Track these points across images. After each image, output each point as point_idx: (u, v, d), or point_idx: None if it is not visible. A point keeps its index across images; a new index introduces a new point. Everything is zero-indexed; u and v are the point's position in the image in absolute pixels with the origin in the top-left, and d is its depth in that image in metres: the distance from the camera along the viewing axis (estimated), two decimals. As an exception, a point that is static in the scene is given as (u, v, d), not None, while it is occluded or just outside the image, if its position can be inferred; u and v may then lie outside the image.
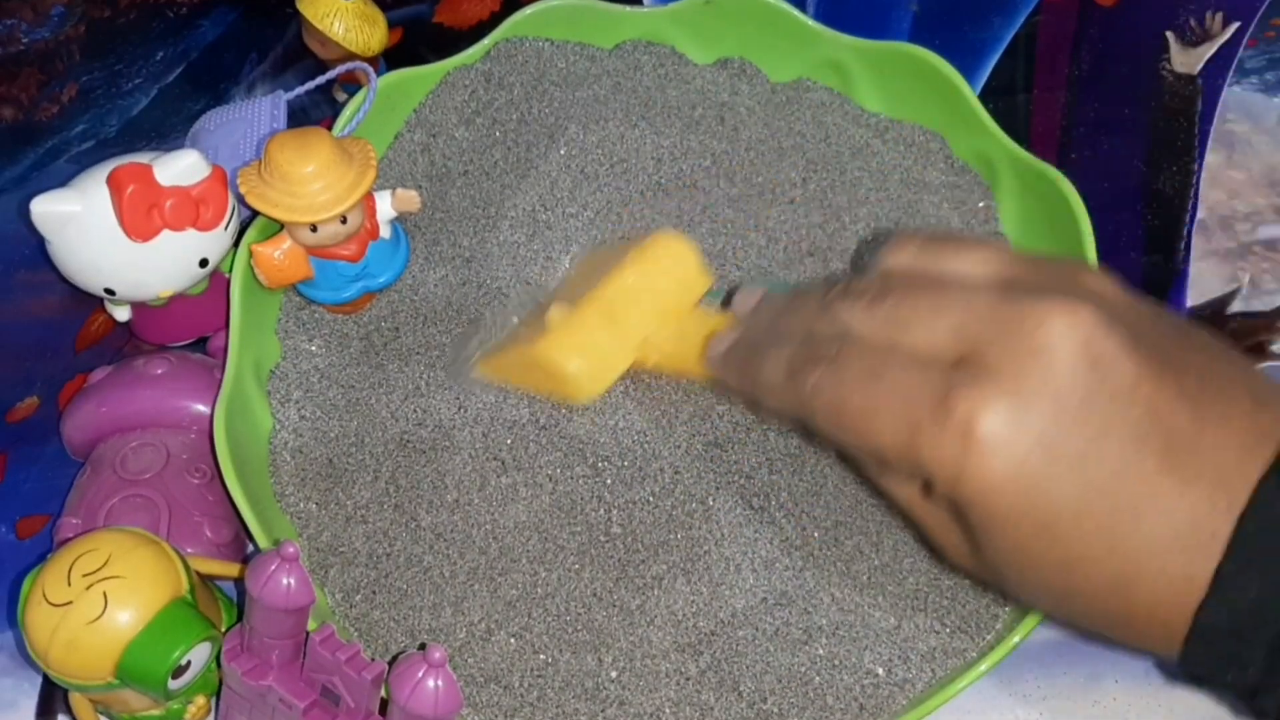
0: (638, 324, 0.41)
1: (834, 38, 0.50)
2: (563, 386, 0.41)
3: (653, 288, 0.41)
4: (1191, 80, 0.54)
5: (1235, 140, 0.54)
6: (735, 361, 0.38)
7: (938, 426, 0.30)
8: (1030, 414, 0.29)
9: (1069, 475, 0.29)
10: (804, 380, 0.33)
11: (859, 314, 0.33)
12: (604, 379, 0.41)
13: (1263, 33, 0.55)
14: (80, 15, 0.57)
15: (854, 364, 0.32)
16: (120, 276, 0.43)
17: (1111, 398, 0.29)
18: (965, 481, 0.30)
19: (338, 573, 0.41)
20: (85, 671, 0.36)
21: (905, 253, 0.35)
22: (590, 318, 0.40)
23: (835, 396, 0.32)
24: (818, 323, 0.35)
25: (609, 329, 0.40)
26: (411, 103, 0.50)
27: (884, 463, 0.33)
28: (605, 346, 0.40)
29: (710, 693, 0.39)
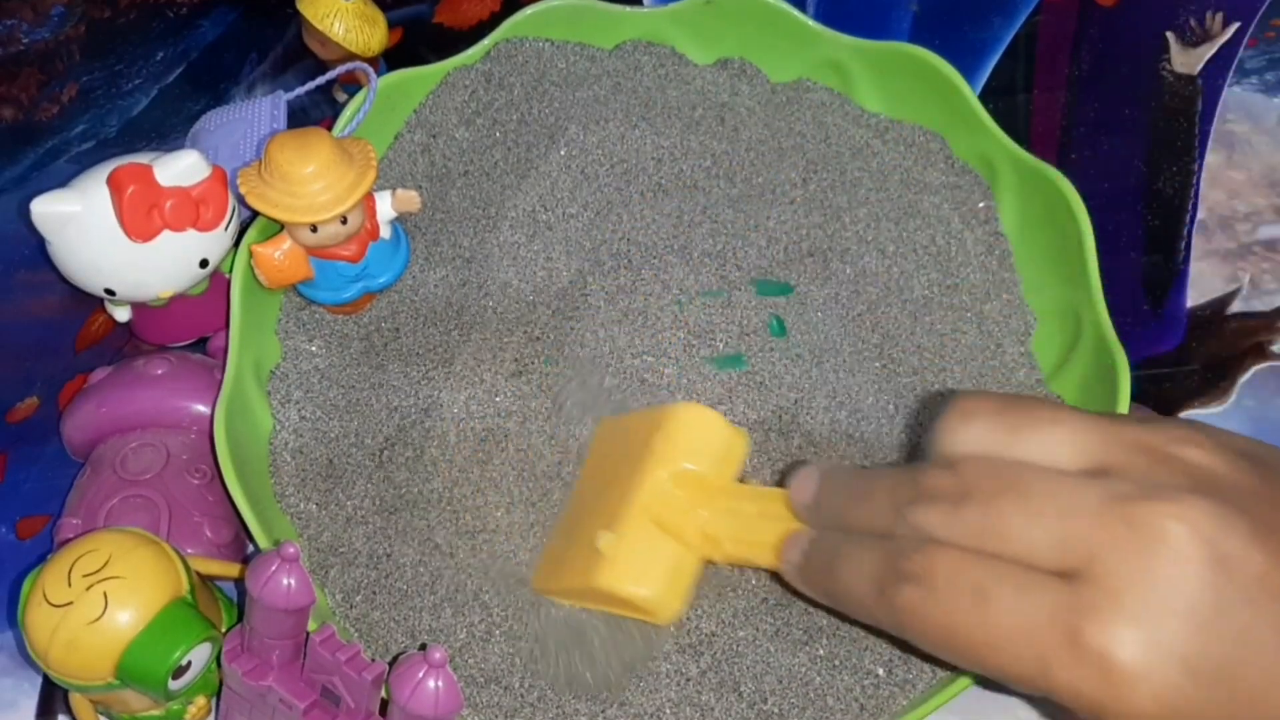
0: (688, 519, 0.36)
1: (834, 38, 0.50)
2: (640, 612, 0.37)
3: (688, 474, 0.37)
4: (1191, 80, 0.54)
5: (1235, 140, 0.54)
6: (815, 576, 0.34)
7: (1071, 659, 0.28)
8: (1167, 635, 0.27)
9: (1215, 688, 0.28)
10: (894, 599, 0.30)
11: (941, 520, 0.30)
12: (679, 592, 0.36)
13: (1263, 33, 0.55)
14: (80, 15, 0.57)
15: (952, 585, 0.29)
16: (120, 277, 0.43)
17: (1245, 598, 0.28)
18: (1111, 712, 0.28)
19: (338, 573, 0.41)
20: (85, 672, 0.36)
21: (973, 432, 0.31)
22: (639, 532, 0.36)
23: (938, 622, 0.30)
24: (896, 526, 0.31)
25: (663, 538, 0.36)
26: (411, 103, 0.50)
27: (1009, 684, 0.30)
28: (667, 558, 0.36)
29: (711, 693, 0.39)
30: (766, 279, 0.46)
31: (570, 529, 0.41)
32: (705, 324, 0.44)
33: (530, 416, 0.43)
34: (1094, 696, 0.28)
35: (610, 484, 0.38)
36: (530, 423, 0.43)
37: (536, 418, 0.43)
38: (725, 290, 0.45)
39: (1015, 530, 0.29)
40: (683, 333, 0.44)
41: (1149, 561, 0.27)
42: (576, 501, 0.41)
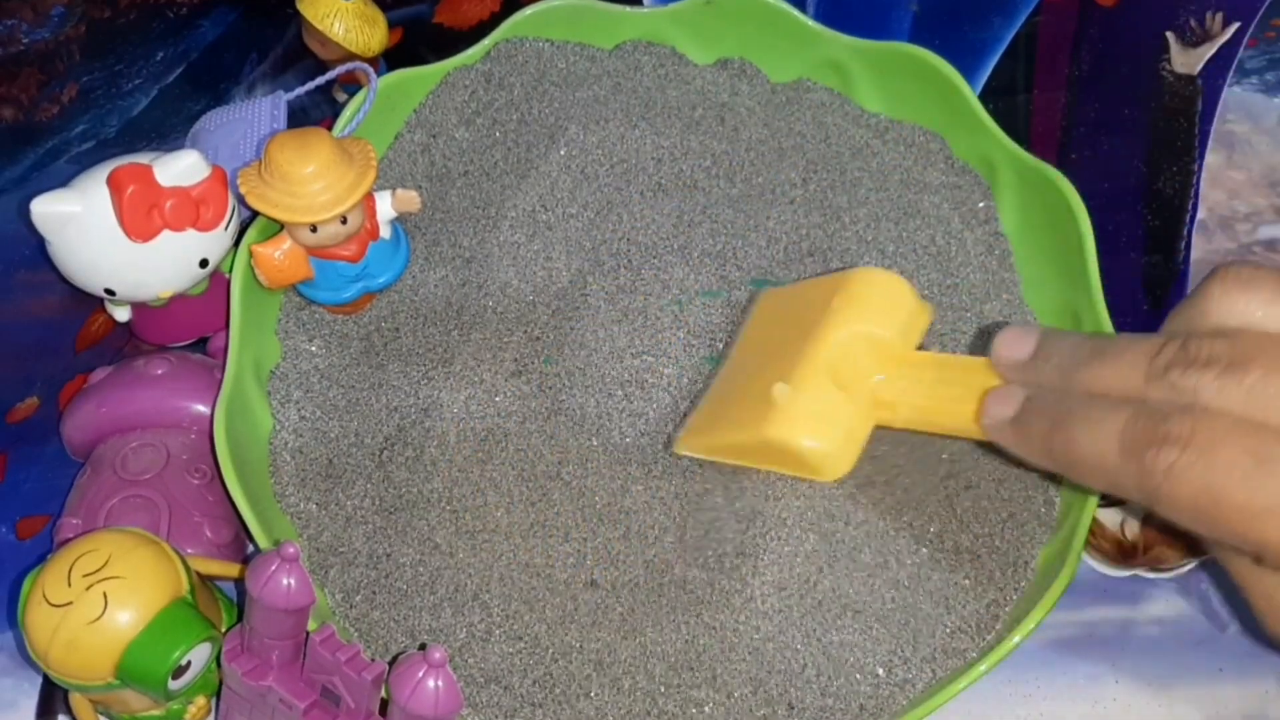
0: (866, 381, 0.36)
1: (834, 38, 0.50)
2: (807, 468, 0.37)
3: (871, 335, 0.36)
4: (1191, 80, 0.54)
5: (1235, 140, 0.54)
6: (1035, 431, 0.32)
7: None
8: None
9: None
10: (1155, 463, 0.29)
11: (1213, 383, 0.29)
12: (851, 451, 0.36)
13: (1263, 33, 0.55)
14: (80, 15, 0.57)
15: (1227, 448, 0.28)
16: (120, 277, 0.43)
17: None
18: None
19: (338, 573, 0.41)
20: (85, 672, 0.36)
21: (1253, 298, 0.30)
22: (816, 387, 0.36)
23: (1206, 487, 0.28)
24: (1151, 389, 0.30)
25: (840, 395, 0.36)
26: (411, 103, 0.50)
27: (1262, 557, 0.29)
28: (843, 415, 0.36)
29: (709, 693, 0.39)
30: (766, 279, 0.46)
31: (729, 390, 0.39)
32: (705, 324, 0.44)
33: (530, 416, 0.43)
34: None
35: (782, 345, 0.38)
36: (530, 423, 0.43)
37: (536, 418, 0.43)
38: (725, 290, 0.45)
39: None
40: (683, 333, 0.44)
41: None
42: (734, 368, 0.40)
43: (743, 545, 0.41)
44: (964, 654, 0.39)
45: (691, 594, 0.40)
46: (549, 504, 0.42)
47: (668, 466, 0.42)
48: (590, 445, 0.43)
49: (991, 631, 0.40)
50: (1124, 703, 0.41)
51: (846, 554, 0.41)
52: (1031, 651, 0.42)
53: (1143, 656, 0.42)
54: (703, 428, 0.40)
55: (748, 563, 0.40)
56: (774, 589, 0.40)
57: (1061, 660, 0.42)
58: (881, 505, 0.41)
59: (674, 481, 0.42)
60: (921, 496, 0.41)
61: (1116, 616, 0.43)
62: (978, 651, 0.39)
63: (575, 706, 0.39)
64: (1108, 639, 0.43)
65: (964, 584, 0.40)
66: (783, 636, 0.40)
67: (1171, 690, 0.42)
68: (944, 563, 0.40)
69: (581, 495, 0.42)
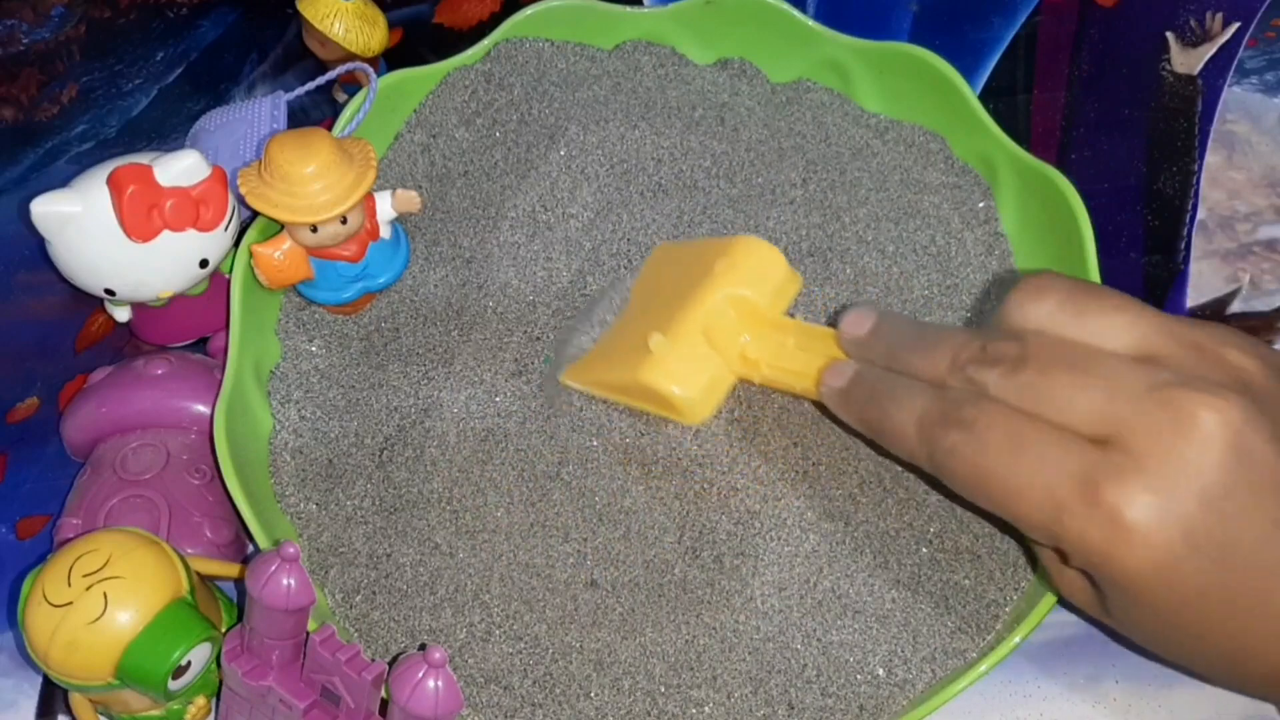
0: (734, 339, 0.40)
1: (834, 38, 0.50)
2: (672, 411, 0.41)
3: (743, 299, 0.40)
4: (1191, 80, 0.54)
5: (1235, 140, 0.54)
6: (857, 402, 0.37)
7: (1085, 512, 0.31)
8: (1177, 505, 0.30)
9: (1209, 564, 0.31)
10: (940, 440, 0.34)
11: (996, 378, 0.33)
12: (713, 401, 0.41)
13: (1263, 33, 0.55)
14: (80, 15, 0.57)
15: (994, 433, 0.32)
16: (120, 277, 0.43)
17: (1254, 489, 0.31)
18: (1110, 565, 0.31)
19: (338, 573, 0.41)
20: (85, 672, 0.36)
21: (1043, 308, 0.34)
22: (689, 341, 0.40)
23: (975, 464, 0.33)
24: (950, 377, 0.34)
25: (708, 350, 0.40)
26: (411, 103, 0.50)
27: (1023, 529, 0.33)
28: (709, 368, 0.40)
29: (709, 693, 0.39)
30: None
31: (617, 334, 0.44)
32: (705, 324, 0.44)
33: (530, 416, 0.43)
34: (1098, 548, 0.31)
35: (665, 298, 0.42)
36: (530, 423, 0.43)
37: (536, 418, 0.43)
38: (725, 290, 0.45)
39: (1063, 397, 0.32)
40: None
41: (1177, 440, 0.30)
42: (624, 316, 0.44)
43: (743, 545, 0.41)
44: (964, 654, 0.39)
45: (691, 594, 0.40)
46: (549, 504, 0.42)
47: (668, 466, 0.42)
48: (590, 445, 0.43)
49: (991, 631, 0.40)
50: (1124, 703, 0.41)
51: (846, 554, 0.41)
52: (1031, 651, 0.42)
53: (1142, 657, 0.42)
54: (589, 365, 0.43)
55: (748, 563, 0.40)
56: (774, 589, 0.40)
57: (1061, 660, 0.42)
58: (881, 505, 0.41)
59: (674, 481, 0.42)
60: (921, 496, 0.41)
61: (1116, 616, 0.43)
62: (978, 651, 0.39)
63: (575, 706, 0.39)
64: (1108, 639, 0.43)
65: (964, 584, 0.40)
66: (783, 636, 0.40)
67: (1171, 690, 0.42)
68: (944, 563, 0.40)
69: (581, 495, 0.42)
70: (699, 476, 0.42)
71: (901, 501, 0.41)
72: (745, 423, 0.43)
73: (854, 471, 0.42)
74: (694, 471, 0.42)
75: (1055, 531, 0.31)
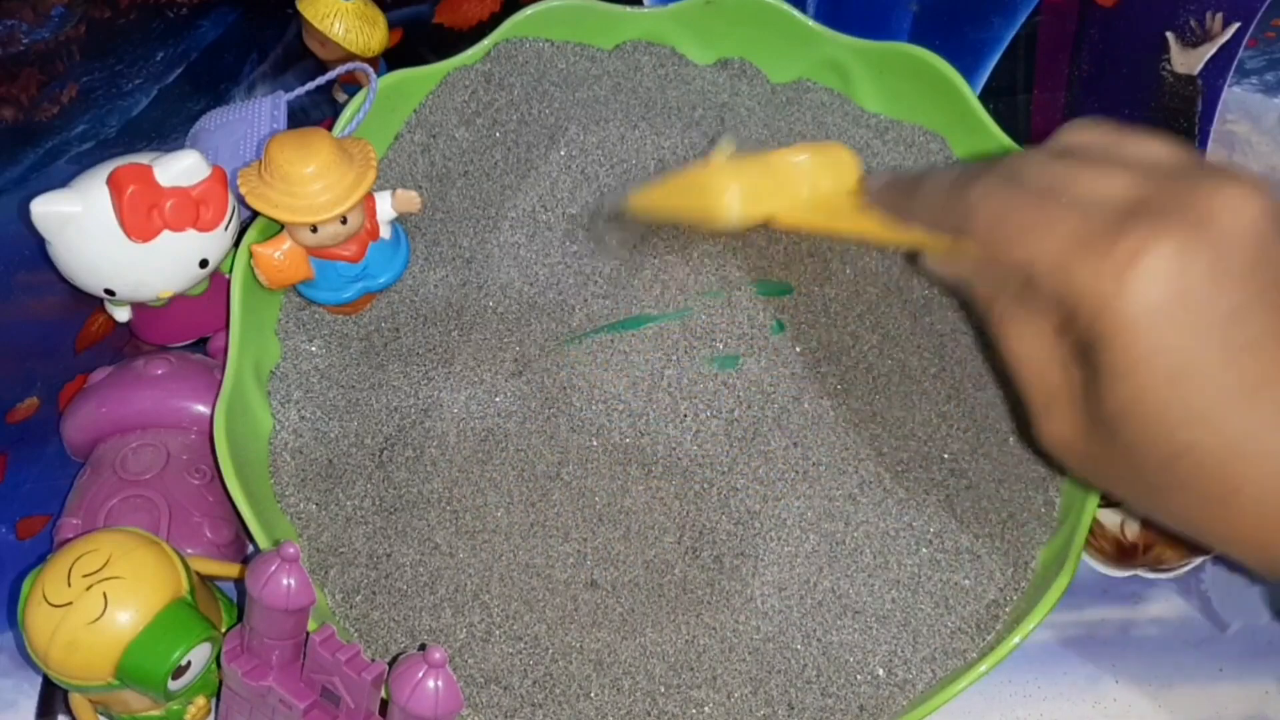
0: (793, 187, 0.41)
1: (834, 38, 0.50)
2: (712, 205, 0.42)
3: (812, 175, 0.41)
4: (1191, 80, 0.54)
5: (1235, 141, 0.53)
6: (895, 189, 0.38)
7: (1102, 252, 0.30)
8: (1195, 261, 0.30)
9: (1210, 332, 0.30)
10: (970, 188, 0.34)
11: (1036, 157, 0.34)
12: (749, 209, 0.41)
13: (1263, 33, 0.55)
14: (80, 15, 0.57)
15: (1027, 182, 0.33)
16: (120, 277, 0.43)
17: (1270, 272, 0.30)
18: (1111, 312, 0.30)
19: (338, 573, 0.41)
20: (85, 672, 0.36)
21: (1085, 133, 0.35)
22: (752, 163, 0.42)
23: (1002, 205, 0.33)
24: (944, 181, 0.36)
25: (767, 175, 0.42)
26: (411, 103, 0.50)
27: (1029, 284, 0.33)
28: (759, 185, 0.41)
29: (709, 693, 0.39)
30: (766, 279, 0.46)
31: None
32: (706, 324, 0.44)
33: (530, 416, 0.43)
34: (1105, 290, 0.30)
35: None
36: (530, 423, 0.43)
37: (536, 418, 0.43)
38: (725, 290, 0.45)
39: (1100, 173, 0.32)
40: (683, 333, 0.44)
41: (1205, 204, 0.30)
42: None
43: (743, 545, 0.41)
44: (964, 654, 0.39)
45: (691, 594, 0.40)
46: (549, 504, 0.42)
47: (668, 466, 0.42)
48: (590, 445, 0.43)
49: (991, 631, 0.40)
50: (1124, 703, 0.41)
51: (846, 554, 0.41)
52: (1031, 651, 0.42)
53: (1143, 657, 0.42)
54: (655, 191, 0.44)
55: (748, 563, 0.40)
56: (774, 589, 0.40)
57: (1061, 660, 0.42)
58: (881, 505, 0.41)
59: (674, 481, 0.42)
60: (921, 496, 0.42)
61: (1116, 616, 0.43)
62: (978, 651, 0.39)
63: (575, 706, 0.39)
64: (1108, 639, 0.43)
65: (964, 584, 0.40)
66: (783, 636, 0.40)
67: (1171, 690, 0.42)
68: (944, 563, 0.41)
69: (581, 495, 0.42)
70: (699, 476, 0.42)
71: (901, 501, 0.41)
72: (745, 423, 0.43)
73: (854, 471, 0.42)
74: (694, 471, 0.42)
75: (1064, 275, 0.31)
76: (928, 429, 0.43)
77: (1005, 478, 0.42)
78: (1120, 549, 0.44)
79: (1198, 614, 0.43)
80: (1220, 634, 0.43)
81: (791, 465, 0.42)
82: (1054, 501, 0.42)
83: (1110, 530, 0.44)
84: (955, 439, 0.43)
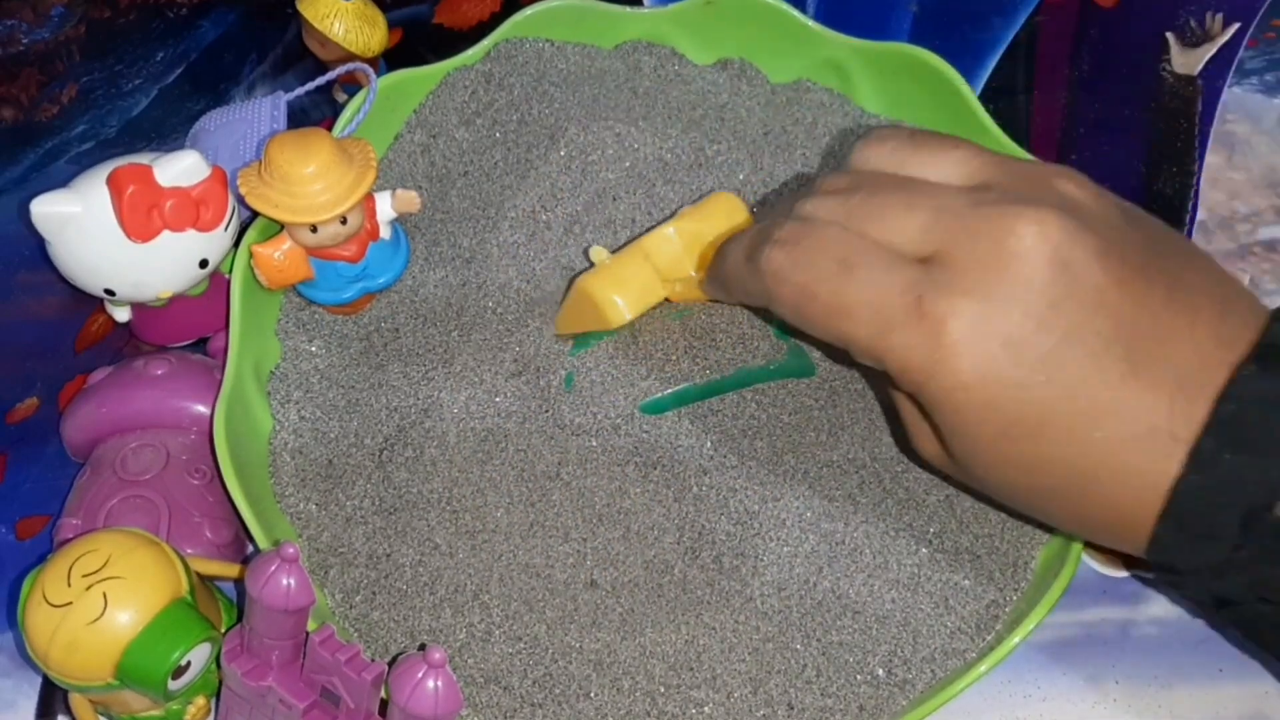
0: (676, 265, 0.42)
1: (834, 38, 0.50)
2: (597, 313, 0.42)
3: (699, 235, 0.42)
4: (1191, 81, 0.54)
5: (1235, 141, 0.54)
6: (712, 270, 0.39)
7: (909, 327, 0.31)
8: (999, 317, 0.30)
9: (1034, 378, 0.30)
10: (765, 264, 0.34)
11: (826, 203, 0.34)
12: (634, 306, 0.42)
13: (1263, 34, 0.55)
14: (80, 15, 0.57)
15: (820, 251, 0.33)
16: (120, 277, 0.43)
17: (1079, 304, 0.30)
18: (934, 381, 0.31)
19: (337, 573, 0.41)
20: (85, 672, 0.36)
21: (882, 150, 0.35)
22: (627, 257, 0.43)
23: (802, 284, 0.33)
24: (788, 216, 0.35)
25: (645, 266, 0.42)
26: (411, 103, 0.50)
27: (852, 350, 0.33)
28: (639, 280, 0.42)
29: (709, 693, 0.39)
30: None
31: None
32: (706, 325, 0.44)
33: (530, 416, 0.43)
34: (921, 363, 0.31)
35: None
36: (530, 423, 0.43)
37: (536, 418, 0.43)
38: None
39: (891, 216, 0.32)
40: (684, 333, 0.44)
41: (998, 252, 0.30)
42: None
43: (742, 545, 0.41)
44: (964, 654, 0.39)
45: (691, 594, 0.40)
46: (549, 504, 0.42)
47: (668, 466, 0.42)
48: (590, 445, 0.43)
49: (991, 632, 0.40)
50: (1124, 703, 0.41)
51: (846, 554, 0.41)
52: (1031, 651, 0.42)
53: (1143, 657, 0.42)
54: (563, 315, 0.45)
55: (747, 563, 0.40)
56: (774, 589, 0.40)
57: (1061, 660, 0.42)
58: (881, 505, 0.41)
59: (674, 481, 0.42)
60: (921, 496, 0.42)
61: (1116, 617, 0.43)
62: (978, 652, 0.39)
63: (575, 706, 0.39)
64: (1108, 639, 0.43)
65: (964, 584, 0.40)
66: (783, 636, 0.40)
67: (1171, 690, 0.42)
68: (944, 563, 0.41)
69: (581, 495, 0.42)
70: (699, 477, 0.42)
71: (901, 502, 0.41)
72: (745, 423, 0.43)
73: (854, 471, 0.42)
74: (694, 472, 0.42)
75: (881, 349, 0.31)
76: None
77: (1005, 478, 0.42)
78: (1120, 549, 0.44)
79: (1198, 614, 0.43)
80: (1220, 634, 0.43)
81: (791, 465, 0.42)
82: (1054, 502, 0.42)
83: (1110, 530, 0.44)
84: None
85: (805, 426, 0.43)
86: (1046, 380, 0.30)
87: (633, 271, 0.42)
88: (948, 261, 0.31)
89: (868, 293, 0.31)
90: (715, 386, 0.43)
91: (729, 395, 0.43)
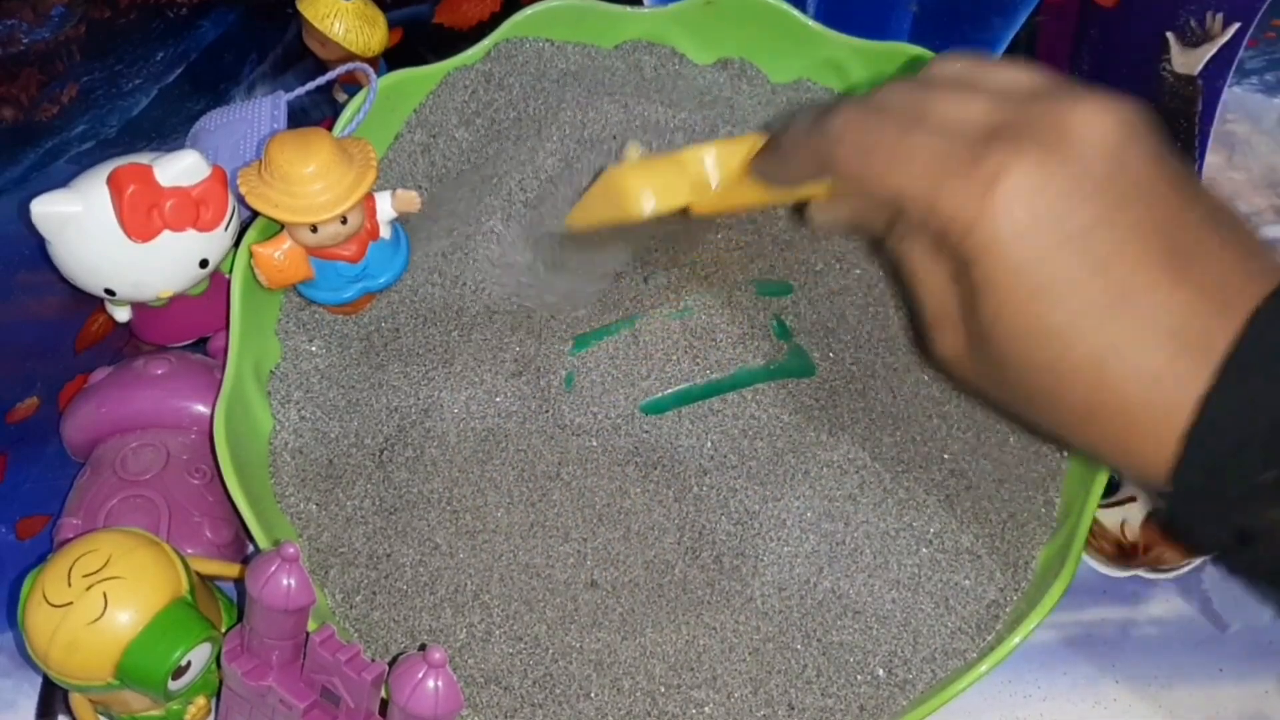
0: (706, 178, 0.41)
1: (834, 38, 0.50)
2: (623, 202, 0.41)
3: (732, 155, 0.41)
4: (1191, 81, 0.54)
5: (1235, 141, 0.54)
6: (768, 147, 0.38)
7: (963, 175, 0.31)
8: (1054, 178, 0.31)
9: (1073, 244, 0.30)
10: (830, 121, 0.34)
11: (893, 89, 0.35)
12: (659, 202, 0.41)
13: (1263, 33, 0.55)
14: (80, 15, 0.57)
15: (887, 111, 0.33)
16: (120, 277, 0.43)
17: (1131, 187, 0.31)
18: (977, 232, 0.31)
19: (338, 573, 0.41)
20: (85, 672, 0.36)
21: (950, 64, 0.35)
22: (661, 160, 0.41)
23: (863, 137, 0.34)
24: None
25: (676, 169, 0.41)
26: (411, 103, 0.50)
27: (899, 213, 0.33)
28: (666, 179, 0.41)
29: (709, 693, 0.39)
30: (766, 279, 0.46)
31: None
32: (706, 325, 0.44)
33: (530, 416, 0.43)
34: (970, 214, 0.31)
35: None
36: (530, 423, 0.43)
37: (536, 418, 0.43)
38: (725, 290, 0.45)
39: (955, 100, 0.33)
40: (684, 333, 0.44)
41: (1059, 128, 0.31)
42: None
43: (743, 545, 0.41)
44: (964, 654, 0.39)
45: (691, 594, 0.40)
46: (549, 504, 0.42)
47: (668, 466, 0.42)
48: (590, 445, 0.43)
49: (991, 632, 0.40)
50: (1124, 703, 0.41)
51: (846, 554, 0.41)
52: (1031, 651, 0.42)
53: (1143, 657, 0.42)
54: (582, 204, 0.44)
55: (748, 563, 0.40)
56: (774, 589, 0.40)
57: (1061, 660, 0.42)
58: (881, 505, 0.41)
59: (674, 482, 0.42)
60: (921, 496, 0.42)
61: (1116, 617, 0.43)
62: (978, 652, 0.39)
63: (575, 706, 0.39)
64: (1108, 639, 0.43)
65: (964, 584, 0.40)
66: (783, 637, 0.40)
67: (1171, 690, 0.42)
68: (944, 563, 0.41)
69: (581, 495, 0.42)
70: (699, 477, 0.42)
71: (901, 502, 0.41)
72: (745, 423, 0.43)
73: (854, 471, 0.42)
74: (694, 472, 0.42)
75: (930, 203, 0.32)
76: (928, 429, 0.43)
77: (1005, 478, 0.42)
78: (1120, 549, 0.44)
79: (1198, 614, 0.43)
80: (1220, 634, 0.43)
81: (791, 465, 0.42)
82: (1054, 502, 0.42)
83: (1110, 530, 0.44)
84: (955, 439, 0.43)
85: (805, 426, 0.43)
86: (1084, 250, 0.30)
87: (663, 170, 0.42)
88: (1011, 129, 0.32)
89: (929, 143, 0.32)
90: (715, 386, 0.43)
91: (729, 395, 0.43)
